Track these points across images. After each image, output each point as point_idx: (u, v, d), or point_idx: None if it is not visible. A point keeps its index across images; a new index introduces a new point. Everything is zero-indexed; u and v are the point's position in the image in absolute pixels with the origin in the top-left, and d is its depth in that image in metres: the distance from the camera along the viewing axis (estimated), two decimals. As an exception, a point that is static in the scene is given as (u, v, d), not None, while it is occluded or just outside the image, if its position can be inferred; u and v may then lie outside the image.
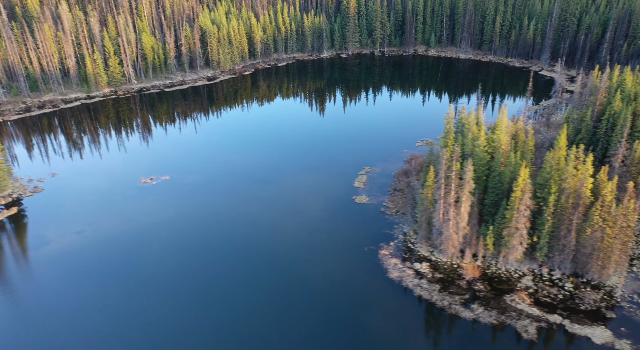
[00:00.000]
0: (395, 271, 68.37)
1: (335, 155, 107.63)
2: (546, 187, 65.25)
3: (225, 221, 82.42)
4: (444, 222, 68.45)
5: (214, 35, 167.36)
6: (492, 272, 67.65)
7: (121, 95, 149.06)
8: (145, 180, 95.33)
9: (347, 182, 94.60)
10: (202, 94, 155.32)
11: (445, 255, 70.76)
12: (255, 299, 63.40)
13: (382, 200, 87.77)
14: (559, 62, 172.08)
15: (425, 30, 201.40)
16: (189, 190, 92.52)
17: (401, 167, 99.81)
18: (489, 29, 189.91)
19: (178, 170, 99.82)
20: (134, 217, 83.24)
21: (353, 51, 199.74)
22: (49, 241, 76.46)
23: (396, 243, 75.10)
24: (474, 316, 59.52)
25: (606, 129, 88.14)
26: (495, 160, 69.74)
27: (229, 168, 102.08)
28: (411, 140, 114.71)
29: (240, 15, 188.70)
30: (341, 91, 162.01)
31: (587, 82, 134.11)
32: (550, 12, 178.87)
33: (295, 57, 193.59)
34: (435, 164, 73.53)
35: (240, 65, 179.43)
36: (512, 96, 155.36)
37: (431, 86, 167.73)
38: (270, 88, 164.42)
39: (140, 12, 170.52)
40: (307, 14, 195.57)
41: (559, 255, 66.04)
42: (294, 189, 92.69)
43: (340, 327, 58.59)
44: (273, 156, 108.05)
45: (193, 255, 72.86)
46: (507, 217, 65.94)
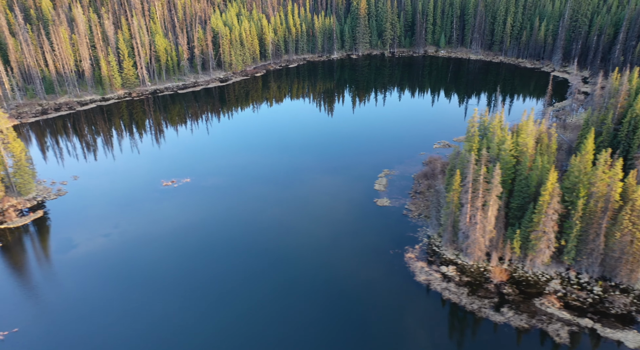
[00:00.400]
0: (422, 274, 68.76)
1: (352, 158, 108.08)
2: (574, 191, 65.53)
3: (249, 224, 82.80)
4: (471, 226, 68.79)
5: (226, 36, 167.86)
6: (520, 276, 67.99)
7: (135, 97, 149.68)
8: (167, 182, 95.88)
9: (367, 185, 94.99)
10: (215, 96, 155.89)
11: (471, 259, 71.11)
12: (284, 303, 63.86)
13: (404, 203, 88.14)
14: (571, 63, 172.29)
15: (435, 31, 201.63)
16: (211, 193, 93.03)
17: (420, 170, 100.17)
18: (499, 30, 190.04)
19: (198, 173, 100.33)
20: (158, 220, 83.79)
21: (363, 52, 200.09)
22: (76, 244, 77.05)
23: (421, 246, 75.48)
24: (505, 320, 59.88)
25: (627, 131, 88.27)
26: (522, 164, 70.02)
27: (247, 171, 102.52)
28: (427, 142, 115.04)
29: (251, 16, 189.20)
30: (351, 92, 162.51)
31: (605, 84, 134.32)
32: (561, 13, 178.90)
33: (305, 58, 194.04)
34: (460, 167, 73.89)
35: (252, 67, 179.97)
36: (523, 97, 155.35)
37: (442, 87, 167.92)
38: (281, 89, 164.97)
39: (153, 14, 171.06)
40: (318, 15, 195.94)
41: (586, 259, 66.34)
42: (315, 192, 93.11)
43: (371, 331, 59.00)
44: (290, 158, 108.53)
45: (219, 259, 73.38)
46: (535, 220, 66.26)
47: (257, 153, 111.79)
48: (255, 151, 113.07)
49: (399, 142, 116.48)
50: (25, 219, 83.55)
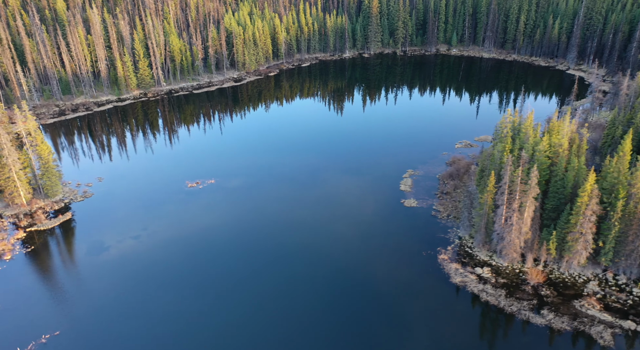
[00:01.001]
0: (457, 276, 68.57)
1: (373, 158, 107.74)
2: (613, 192, 65.24)
3: (277, 226, 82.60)
4: (507, 228, 68.55)
5: (239, 36, 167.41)
6: (556, 277, 67.77)
7: (151, 98, 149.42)
8: (192, 184, 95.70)
9: (392, 186, 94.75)
10: (230, 96, 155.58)
11: (506, 260, 70.89)
12: (319, 306, 63.72)
13: (431, 203, 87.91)
14: (586, 62, 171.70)
15: (447, 29, 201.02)
16: (236, 194, 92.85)
17: (444, 170, 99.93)
18: (512, 28, 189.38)
19: (221, 174, 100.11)
20: (186, 221, 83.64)
21: (375, 51, 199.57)
22: (107, 247, 76.94)
23: (453, 247, 75.27)
24: (546, 322, 59.69)
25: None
26: (558, 165, 69.72)
27: (270, 171, 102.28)
28: (448, 142, 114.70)
29: (263, 15, 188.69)
30: (362, 91, 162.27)
31: (625, 82, 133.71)
32: (575, 11, 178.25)
33: (318, 57, 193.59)
34: (493, 168, 73.61)
35: (265, 66, 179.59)
36: (535, 95, 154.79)
37: (454, 86, 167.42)
38: (294, 89, 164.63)
39: (167, 14, 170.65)
40: (329, 14, 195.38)
41: (625, 260, 66.10)
42: (339, 193, 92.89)
43: (410, 333, 58.86)
44: (311, 158, 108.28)
45: (251, 260, 73.20)
46: (572, 222, 66.00)
47: (276, 153, 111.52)
48: (275, 151, 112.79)
49: (418, 142, 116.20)
50: (55, 222, 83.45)
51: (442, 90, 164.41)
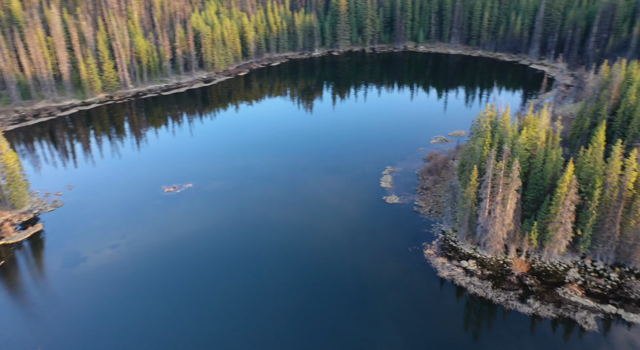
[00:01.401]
0: (445, 270, 69.45)
1: (351, 156, 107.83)
2: (589, 182, 67.52)
3: (260, 229, 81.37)
4: (490, 220, 69.91)
5: (207, 36, 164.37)
6: (538, 267, 69.65)
7: (118, 101, 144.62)
8: (169, 188, 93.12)
9: (373, 183, 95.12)
10: (200, 97, 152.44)
11: (489, 252, 72.33)
12: (309, 306, 63.18)
13: (413, 199, 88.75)
14: (548, 56, 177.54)
15: (414, 26, 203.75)
16: (216, 197, 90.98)
17: (422, 165, 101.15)
18: (476, 25, 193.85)
19: (199, 177, 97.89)
20: (167, 228, 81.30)
21: (344, 49, 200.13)
22: (84, 258, 73.82)
23: (438, 242, 76.22)
24: (533, 311, 61.21)
25: (622, 121, 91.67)
26: (537, 158, 71.59)
27: (249, 172, 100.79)
28: (424, 138, 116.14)
29: (231, 14, 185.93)
30: (332, 89, 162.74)
31: (586, 75, 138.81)
32: (536, 7, 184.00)
33: (287, 56, 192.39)
34: (474, 162, 74.92)
35: (234, 66, 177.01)
36: (499, 89, 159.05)
37: (421, 82, 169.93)
38: (265, 88, 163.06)
39: (130, 14, 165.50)
40: (298, 13, 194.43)
41: (602, 247, 68.62)
42: (321, 192, 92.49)
43: (404, 327, 59.14)
44: (289, 159, 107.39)
45: (235, 265, 71.78)
46: (552, 212, 67.93)
47: (253, 154, 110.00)
48: (252, 152, 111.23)
49: (395, 139, 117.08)
50: (24, 234, 79.40)
51: (410, 86, 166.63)
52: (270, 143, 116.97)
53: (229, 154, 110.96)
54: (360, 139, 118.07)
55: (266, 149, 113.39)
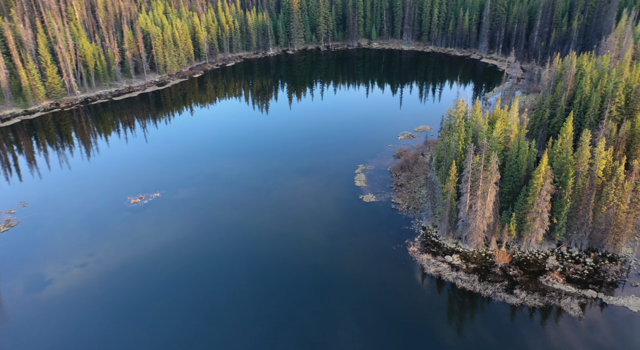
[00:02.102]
0: (431, 266, 69.82)
1: (322, 156, 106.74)
2: (563, 172, 70.00)
3: (237, 237, 78.55)
4: (471, 214, 70.97)
5: (157, 37, 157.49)
6: (519, 257, 71.52)
7: (65, 108, 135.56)
8: (135, 199, 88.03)
9: (347, 182, 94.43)
10: (154, 101, 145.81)
11: (471, 245, 73.50)
12: (298, 314, 61.52)
13: (389, 197, 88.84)
14: (496, 50, 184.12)
15: (366, 23, 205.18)
16: (186, 206, 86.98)
17: (393, 162, 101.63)
18: (427, 21, 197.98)
19: (166, 186, 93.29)
20: (137, 242, 76.66)
21: (298, 47, 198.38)
22: (50, 280, 68.14)
23: (420, 238, 76.61)
24: (521, 301, 62.67)
25: (579, 111, 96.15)
26: (511, 150, 73.38)
27: (219, 178, 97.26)
28: (390, 134, 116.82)
29: (180, 14, 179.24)
30: (288, 88, 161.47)
31: (533, 68, 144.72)
32: (482, 3, 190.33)
33: (241, 56, 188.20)
34: (450, 157, 75.85)
35: (188, 68, 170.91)
36: (450, 83, 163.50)
37: (378, 78, 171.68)
38: (220, 89, 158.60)
39: (71, 15, 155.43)
40: (250, 11, 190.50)
41: (576, 234, 71.44)
42: (296, 195, 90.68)
43: (401, 327, 58.78)
44: (257, 162, 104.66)
45: (213, 279, 68.52)
46: (529, 202, 69.89)
47: (219, 158, 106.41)
48: (218, 156, 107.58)
49: (362, 137, 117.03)
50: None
51: (366, 83, 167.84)
52: (235, 146, 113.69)
53: (194, 159, 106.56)
54: (327, 138, 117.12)
55: (232, 152, 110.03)
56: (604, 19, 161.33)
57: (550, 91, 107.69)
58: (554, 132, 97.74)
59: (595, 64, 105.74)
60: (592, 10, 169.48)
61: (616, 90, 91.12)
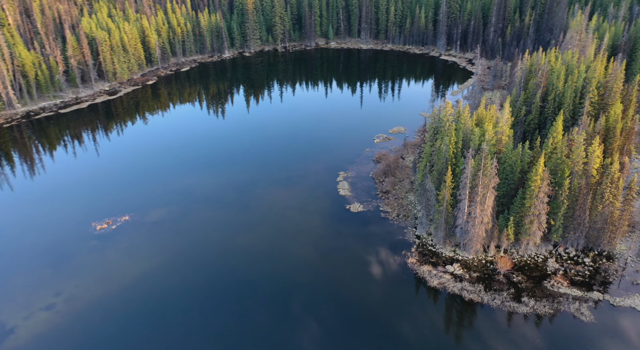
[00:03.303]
0: (433, 279, 66.77)
1: (300, 164, 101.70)
2: (558, 172, 68.94)
3: (220, 260, 72.15)
4: (470, 221, 68.57)
5: (105, 42, 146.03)
6: (519, 261, 69.95)
7: (4, 124, 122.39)
8: (101, 225, 79.35)
9: (330, 192, 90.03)
10: (105, 112, 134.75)
11: (470, 253, 71.22)
12: (301, 343, 56.62)
13: (377, 205, 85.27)
14: (454, 47, 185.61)
15: (322, 22, 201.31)
16: (160, 229, 79.36)
17: (374, 167, 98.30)
18: (383, 19, 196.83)
19: (135, 207, 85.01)
20: (109, 275, 68.56)
21: (255, 49, 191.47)
22: (12, 328, 59.15)
23: (417, 248, 73.49)
24: (530, 310, 60.80)
25: (553, 108, 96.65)
26: (505, 153, 71.64)
27: (191, 196, 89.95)
28: (366, 138, 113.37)
29: (126, 17, 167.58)
30: (246, 91, 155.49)
31: (501, 66, 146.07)
32: (436, 1, 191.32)
33: (196, 60, 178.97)
34: (441, 162, 73.23)
35: (139, 74, 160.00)
36: (408, 80, 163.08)
37: (336, 78, 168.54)
38: (175, 96, 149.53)
39: (3, 21, 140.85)
40: (202, 12, 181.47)
41: (573, 234, 70.75)
42: (279, 208, 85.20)
43: (412, 348, 55.35)
44: (232, 174, 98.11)
45: (197, 309, 62.21)
46: (527, 205, 68.36)
47: (189, 173, 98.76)
48: (186, 171, 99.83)
49: (337, 142, 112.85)
50: None
51: (325, 84, 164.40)
52: (202, 157, 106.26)
53: (161, 175, 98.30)
54: (300, 144, 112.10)
55: (201, 164, 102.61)
56: (555, 15, 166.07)
57: (522, 88, 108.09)
58: (529, 129, 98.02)
59: (562, 60, 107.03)
60: (542, 6, 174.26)
61: (589, 86, 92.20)
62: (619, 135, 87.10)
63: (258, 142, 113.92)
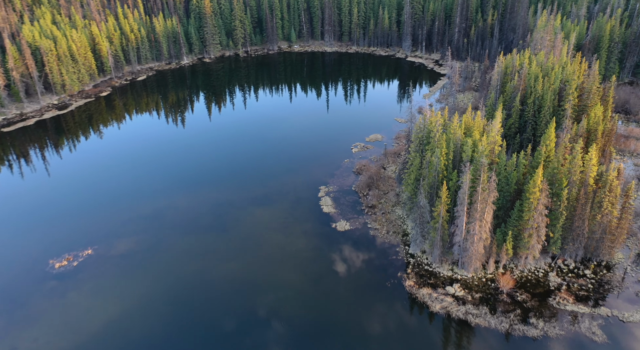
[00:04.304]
0: (435, 302, 62.43)
1: (276, 179, 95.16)
2: (556, 183, 66.15)
3: (202, 294, 64.98)
4: (469, 238, 64.72)
5: (50, 52, 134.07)
6: (520, 277, 66.74)
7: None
8: (60, 262, 70.31)
9: (313, 209, 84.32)
10: (55, 128, 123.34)
11: (469, 271, 67.41)
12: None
13: (364, 221, 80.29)
14: (419, 48, 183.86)
15: (284, 25, 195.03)
16: (129, 263, 71.15)
17: (356, 180, 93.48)
18: (347, 21, 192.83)
19: (98, 238, 76.22)
20: (73, 323, 60.11)
21: (215, 54, 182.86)
22: (-41, 401, 50.15)
23: (413, 269, 68.99)
24: (542, 332, 57.43)
25: (533, 111, 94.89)
26: (499, 164, 68.26)
27: (162, 221, 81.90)
28: (342, 147, 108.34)
29: (73, 23, 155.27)
30: (207, 99, 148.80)
31: (471, 67, 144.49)
32: (399, 2, 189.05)
33: (152, 68, 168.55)
34: (432, 175, 69.14)
35: (91, 85, 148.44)
36: (376, 82, 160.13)
37: (299, 82, 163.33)
38: (130, 106, 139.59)
39: None
40: (156, 17, 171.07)
41: (572, 245, 68.25)
42: (261, 231, 78.65)
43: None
44: (204, 194, 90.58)
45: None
46: (526, 218, 65.21)
47: (156, 195, 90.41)
48: (152, 193, 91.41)
49: (313, 153, 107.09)
50: None
51: (289, 88, 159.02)
52: (169, 175, 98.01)
53: (126, 198, 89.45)
54: (274, 156, 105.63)
55: (169, 184, 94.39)
56: (517, 14, 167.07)
57: (499, 91, 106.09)
58: (510, 134, 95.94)
59: (536, 62, 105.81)
60: (503, 6, 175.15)
61: (569, 88, 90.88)
62: (600, 137, 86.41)
63: (227, 155, 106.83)
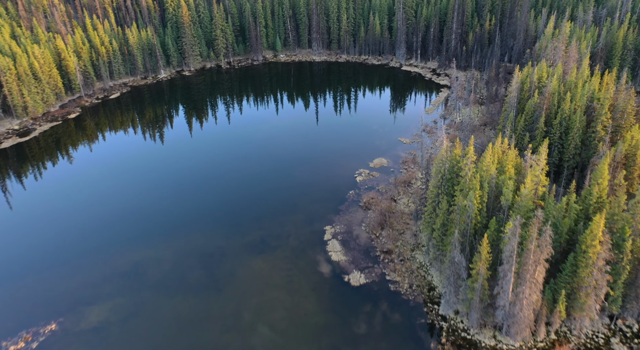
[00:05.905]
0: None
1: (272, 218, 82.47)
2: (617, 231, 55.62)
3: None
4: (517, 301, 53.71)
5: (9, 70, 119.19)
6: (577, 345, 56.01)
7: None
8: (16, 345, 56.86)
9: (320, 257, 72.32)
10: (16, 157, 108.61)
11: (517, 340, 56.44)
12: None
13: (381, 272, 68.72)
14: (414, 56, 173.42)
15: (269, 34, 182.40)
16: (104, 341, 58.08)
17: (364, 217, 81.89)
18: (335, 28, 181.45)
19: (63, 308, 62.79)
20: None
21: (195, 66, 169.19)
22: None
23: (447, 336, 57.68)
24: None
25: (560, 133, 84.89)
26: (545, 209, 57.48)
27: (143, 279, 68.73)
28: (345, 176, 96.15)
29: (35, 37, 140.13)
30: (187, 115, 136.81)
31: (476, 78, 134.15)
32: (389, 7, 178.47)
33: (127, 83, 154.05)
34: (466, 223, 58.01)
35: (57, 106, 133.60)
36: (368, 92, 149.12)
37: (286, 93, 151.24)
38: (103, 126, 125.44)
39: None
40: (130, 28, 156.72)
41: (636, 304, 57.87)
42: (261, 288, 66.29)
43: None
44: (191, 240, 77.58)
45: None
46: (582, 275, 54.56)
47: (133, 244, 77.04)
48: (128, 241, 77.90)
49: (309, 182, 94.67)
50: None
51: (276, 101, 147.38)
52: (150, 216, 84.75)
53: (97, 249, 75.89)
54: (265, 186, 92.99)
55: (150, 229, 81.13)
56: (517, 19, 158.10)
57: (516, 110, 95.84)
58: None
59: (557, 76, 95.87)
60: (501, 10, 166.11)
61: (601, 108, 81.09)
62: (640, 163, 76.72)
63: (213, 183, 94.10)
